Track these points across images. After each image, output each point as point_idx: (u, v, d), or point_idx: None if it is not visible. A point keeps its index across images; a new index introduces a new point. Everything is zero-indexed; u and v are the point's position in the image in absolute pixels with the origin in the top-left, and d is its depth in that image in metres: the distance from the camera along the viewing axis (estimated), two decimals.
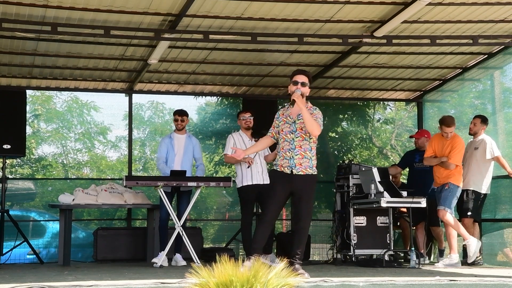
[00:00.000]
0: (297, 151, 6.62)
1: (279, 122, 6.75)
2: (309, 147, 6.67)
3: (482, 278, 5.89)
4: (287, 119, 6.71)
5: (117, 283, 5.25)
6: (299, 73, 6.77)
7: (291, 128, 6.66)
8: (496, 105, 10.36)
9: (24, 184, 12.42)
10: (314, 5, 7.82)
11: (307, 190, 6.66)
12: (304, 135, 6.63)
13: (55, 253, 9.91)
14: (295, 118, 6.67)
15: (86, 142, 17.41)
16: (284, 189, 6.64)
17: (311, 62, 9.96)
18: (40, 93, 16.44)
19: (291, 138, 6.63)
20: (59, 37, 8.39)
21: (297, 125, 6.65)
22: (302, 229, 6.66)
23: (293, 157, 6.60)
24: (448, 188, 8.38)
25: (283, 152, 6.66)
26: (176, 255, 8.55)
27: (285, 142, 6.66)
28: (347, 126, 14.29)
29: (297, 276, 4.57)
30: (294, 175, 6.60)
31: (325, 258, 9.73)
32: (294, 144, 6.63)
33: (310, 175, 6.65)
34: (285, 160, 6.63)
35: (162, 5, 7.68)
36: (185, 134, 8.89)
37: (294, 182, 6.59)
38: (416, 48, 9.28)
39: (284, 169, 6.63)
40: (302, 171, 6.60)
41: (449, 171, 8.43)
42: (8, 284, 5.33)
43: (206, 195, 13.83)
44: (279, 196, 6.64)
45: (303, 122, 6.58)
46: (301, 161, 6.60)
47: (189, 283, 4.37)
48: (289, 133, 6.65)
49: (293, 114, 6.70)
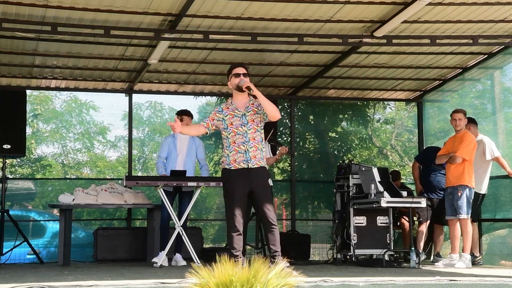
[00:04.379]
0: (251, 143, 6.34)
1: (224, 116, 6.40)
2: (261, 139, 6.43)
3: (482, 278, 5.88)
4: (235, 112, 6.39)
5: (117, 283, 5.24)
6: (237, 66, 6.53)
7: (242, 121, 6.36)
8: (496, 105, 10.37)
9: (24, 184, 12.41)
10: (314, 5, 7.82)
11: (266, 183, 6.39)
12: (256, 127, 6.38)
13: (55, 253, 9.91)
14: (244, 111, 6.39)
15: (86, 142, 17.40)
16: (244, 186, 6.29)
17: (311, 62, 9.96)
18: (39, 93, 16.42)
19: (244, 131, 6.34)
20: (59, 37, 8.39)
21: (248, 117, 6.37)
22: (275, 224, 6.32)
23: (248, 150, 6.32)
24: (461, 194, 8.33)
25: (236, 146, 6.33)
26: (176, 255, 8.56)
27: (237, 135, 6.34)
28: (347, 126, 14.29)
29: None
30: (250, 169, 6.30)
31: (325, 258, 9.73)
32: (247, 137, 6.34)
33: (263, 168, 6.41)
34: (239, 154, 6.31)
35: (162, 5, 7.68)
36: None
37: (252, 177, 6.31)
38: (416, 48, 9.29)
39: (239, 165, 6.31)
40: (257, 163, 6.33)
41: (461, 171, 8.36)
42: (8, 284, 5.32)
43: (206, 195, 13.83)
44: (241, 194, 6.31)
45: (253, 114, 6.35)
46: (255, 154, 6.34)
47: (189, 283, 4.37)
48: (241, 126, 6.36)
49: (240, 107, 6.41)
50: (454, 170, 8.44)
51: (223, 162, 6.46)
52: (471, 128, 8.95)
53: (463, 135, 8.52)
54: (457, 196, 8.33)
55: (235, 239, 6.26)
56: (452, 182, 8.43)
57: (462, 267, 8.05)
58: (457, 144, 8.47)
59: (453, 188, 8.42)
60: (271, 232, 6.32)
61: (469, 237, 8.32)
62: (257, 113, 6.41)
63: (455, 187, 8.38)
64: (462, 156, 8.37)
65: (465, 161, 8.38)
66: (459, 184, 8.36)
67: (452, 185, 8.44)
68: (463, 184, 8.35)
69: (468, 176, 8.38)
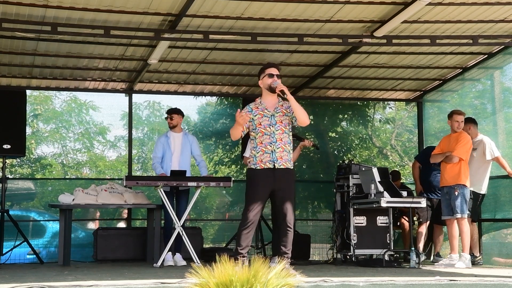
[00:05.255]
0: (278, 144, 6.40)
1: (254, 116, 6.46)
2: (289, 140, 6.48)
3: (482, 278, 5.89)
4: (264, 112, 6.46)
5: (117, 283, 5.25)
6: (271, 66, 6.58)
7: (270, 121, 6.43)
8: (496, 105, 10.36)
9: (24, 184, 12.41)
10: (314, 5, 7.82)
11: (290, 185, 6.45)
12: (284, 128, 6.44)
13: (55, 253, 9.90)
14: (273, 111, 6.46)
15: (86, 142, 17.41)
16: (266, 187, 6.38)
17: (311, 62, 9.96)
18: (38, 93, 16.43)
19: (271, 131, 6.40)
20: (59, 37, 8.39)
21: (276, 118, 6.44)
22: (291, 226, 6.43)
23: (274, 150, 6.39)
24: (458, 194, 8.33)
25: (263, 146, 6.40)
26: (176, 255, 8.55)
27: (264, 135, 6.40)
28: (347, 126, 14.29)
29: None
30: (276, 169, 6.38)
31: (325, 258, 9.73)
32: (275, 138, 6.40)
33: (291, 170, 6.47)
34: (266, 155, 6.38)
35: (162, 5, 7.68)
36: (181, 133, 8.92)
37: (276, 177, 6.37)
38: (416, 48, 9.28)
39: (265, 165, 6.38)
40: (283, 164, 6.39)
41: (458, 171, 8.36)
42: (8, 284, 5.32)
43: (206, 195, 13.83)
44: (262, 195, 6.40)
45: (282, 115, 6.42)
46: (281, 154, 6.39)
47: (189, 283, 4.37)
48: (269, 126, 6.42)
49: (270, 107, 6.47)
50: (450, 170, 8.45)
51: (249, 163, 6.52)
52: (471, 128, 8.96)
53: (459, 135, 8.53)
54: (454, 196, 8.34)
55: (243, 236, 6.33)
56: (449, 181, 8.44)
57: (462, 267, 8.05)
58: (454, 143, 8.48)
59: (449, 188, 8.43)
60: (285, 233, 6.43)
61: (466, 236, 8.32)
62: (286, 114, 6.47)
63: (452, 187, 8.39)
64: (459, 156, 8.38)
65: (461, 160, 8.39)
66: (456, 183, 8.36)
67: (448, 185, 8.45)
68: (460, 183, 8.35)
69: (464, 176, 8.39)
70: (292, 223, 6.45)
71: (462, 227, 8.32)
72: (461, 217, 8.31)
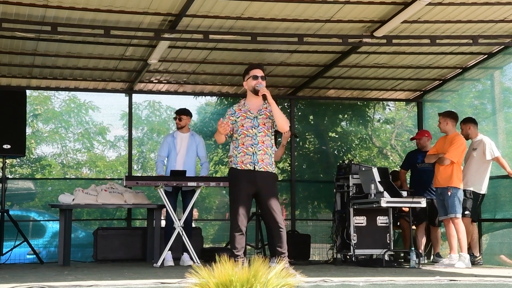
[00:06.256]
0: (260, 146, 6.36)
1: (236, 118, 6.43)
2: (270, 144, 6.44)
3: (482, 278, 5.89)
4: (247, 114, 6.42)
5: (117, 283, 5.25)
6: (255, 67, 6.54)
7: (253, 123, 6.39)
8: (496, 105, 10.36)
9: (24, 184, 12.41)
10: (314, 5, 7.82)
11: (272, 186, 6.40)
12: (267, 131, 6.40)
13: (55, 253, 9.90)
14: (256, 114, 6.42)
15: (85, 142, 17.40)
16: (248, 186, 6.34)
17: (311, 62, 9.96)
18: (38, 93, 16.42)
19: (253, 133, 6.37)
20: (59, 37, 8.39)
21: (259, 120, 6.40)
22: (282, 226, 6.35)
23: (255, 152, 6.35)
24: (451, 194, 8.34)
25: (244, 148, 6.36)
26: (184, 255, 8.56)
27: (246, 137, 6.37)
28: (347, 126, 14.29)
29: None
30: (257, 172, 6.33)
31: (325, 258, 9.73)
32: (256, 140, 6.36)
33: (271, 173, 6.41)
34: (246, 156, 6.35)
35: (162, 5, 7.68)
36: (188, 133, 8.93)
37: (258, 178, 6.34)
38: (416, 48, 9.29)
39: (246, 166, 6.34)
40: (264, 167, 6.35)
41: (450, 173, 8.38)
42: (8, 284, 5.32)
43: (206, 195, 13.83)
44: (245, 194, 6.36)
45: (265, 117, 6.40)
46: (263, 157, 6.35)
47: (189, 283, 4.37)
48: (251, 128, 6.39)
49: (253, 109, 6.44)
50: (443, 171, 8.46)
51: (231, 162, 6.50)
52: (471, 128, 8.96)
53: (454, 137, 8.54)
54: (447, 196, 8.36)
55: (237, 238, 6.34)
56: (441, 183, 8.47)
57: (462, 267, 8.05)
58: (447, 145, 8.49)
59: (442, 189, 8.46)
60: (278, 234, 6.36)
61: (463, 236, 8.32)
62: (269, 117, 6.45)
63: (444, 188, 8.41)
64: (450, 159, 8.40)
65: (453, 163, 8.40)
66: (448, 185, 8.39)
67: (440, 186, 8.48)
68: (452, 186, 8.37)
69: (456, 178, 8.40)
70: (282, 222, 6.40)
71: (457, 226, 8.33)
72: (455, 216, 8.31)
